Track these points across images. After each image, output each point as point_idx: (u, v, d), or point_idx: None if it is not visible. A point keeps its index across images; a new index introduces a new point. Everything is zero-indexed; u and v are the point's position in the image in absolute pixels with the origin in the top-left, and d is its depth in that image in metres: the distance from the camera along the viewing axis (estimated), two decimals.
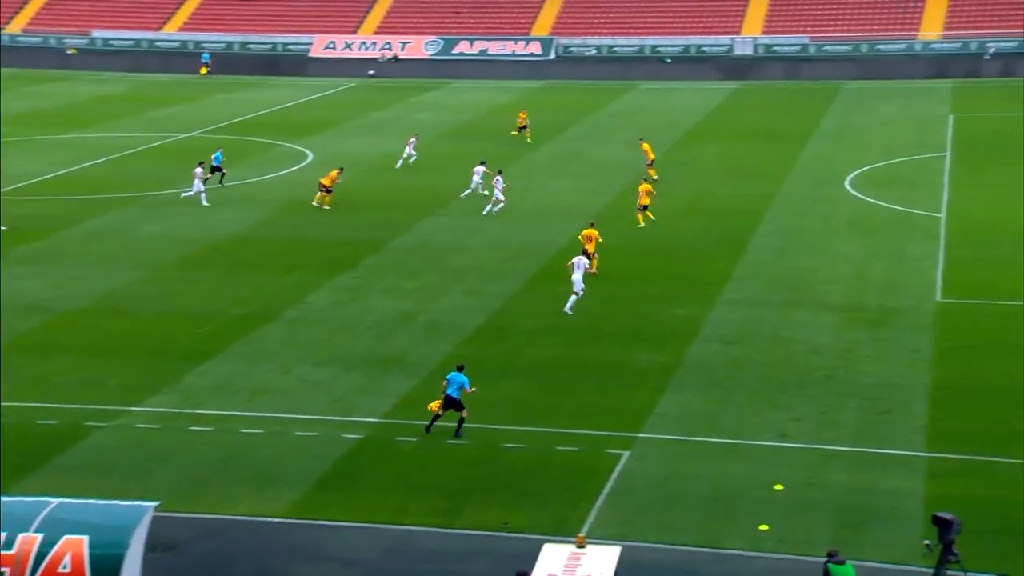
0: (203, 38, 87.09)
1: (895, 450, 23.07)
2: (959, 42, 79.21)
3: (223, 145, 51.35)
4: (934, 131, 56.43)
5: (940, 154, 50.77)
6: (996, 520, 20.22)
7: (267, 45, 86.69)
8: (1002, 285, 32.88)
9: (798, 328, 30.09)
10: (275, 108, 68.65)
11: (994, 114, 60.38)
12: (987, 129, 56.19)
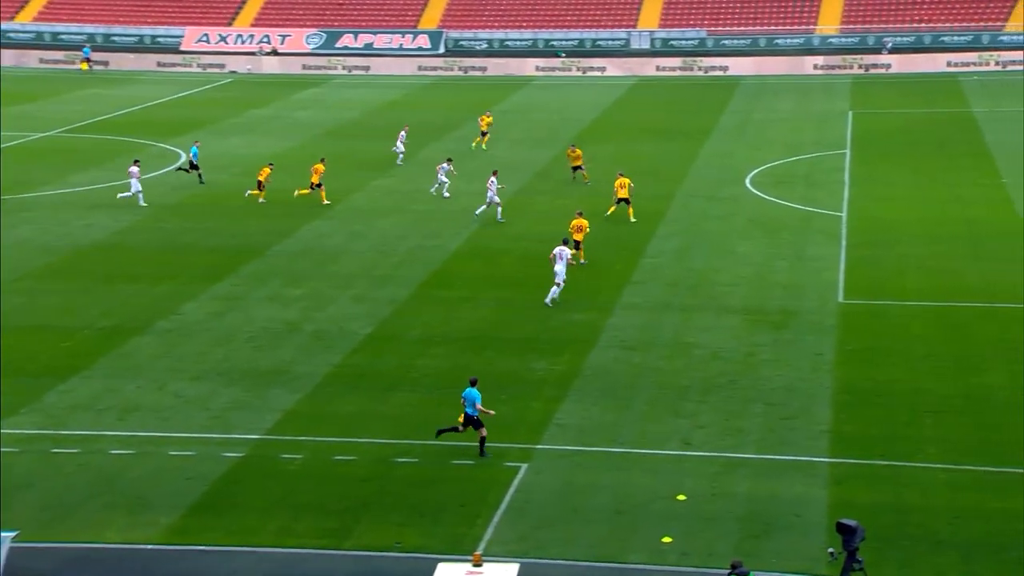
0: (61, 29, 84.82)
1: (799, 456, 23.65)
2: (857, 36, 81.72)
3: (88, 147, 50.05)
4: (833, 128, 58.06)
5: (840, 151, 52.23)
6: (900, 526, 20.86)
7: (133, 37, 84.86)
8: (903, 285, 33.98)
9: (700, 332, 30.63)
10: (144, 105, 67.23)
11: (893, 110, 62.43)
12: (886, 125, 58.06)
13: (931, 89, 68.43)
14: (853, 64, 75.69)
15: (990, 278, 34.01)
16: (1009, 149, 50.92)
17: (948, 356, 28.45)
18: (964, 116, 59.46)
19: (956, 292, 32.98)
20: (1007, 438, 23.99)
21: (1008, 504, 21.37)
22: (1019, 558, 19.65)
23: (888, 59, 76.02)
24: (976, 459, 23.17)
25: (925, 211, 41.94)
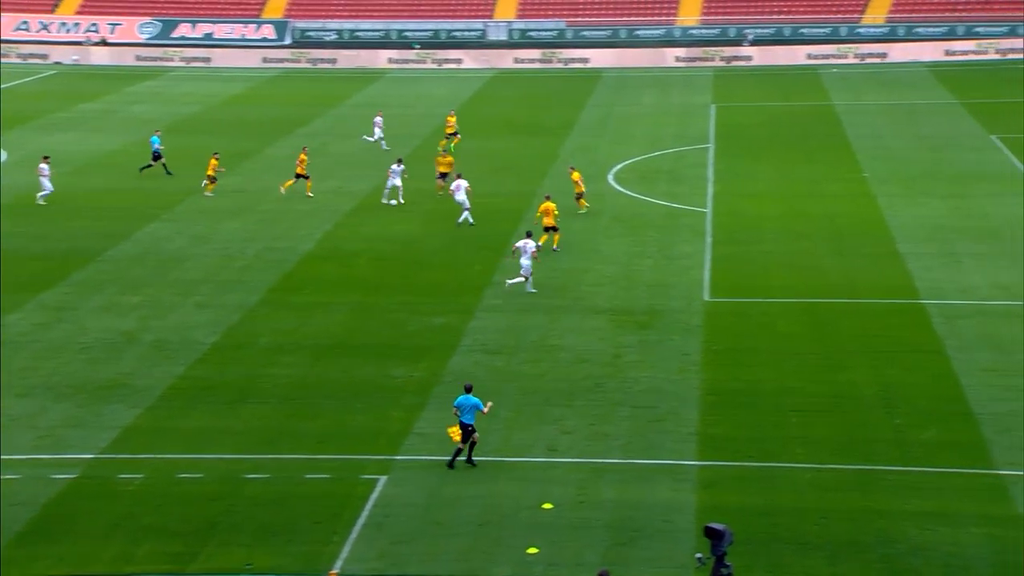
0: None
1: (667, 460, 24.08)
2: (717, 28, 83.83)
3: None
4: (696, 121, 59.40)
5: (703, 146, 53.45)
6: (769, 529, 21.45)
7: None
8: (768, 282, 34.94)
9: (565, 334, 30.93)
10: None
11: (755, 103, 64.21)
12: (748, 119, 59.67)
13: (792, 82, 70.62)
14: (714, 56, 77.60)
15: (853, 274, 35.26)
16: (869, 142, 52.91)
17: (813, 354, 29.37)
18: (825, 109, 61.55)
19: (820, 289, 34.08)
20: (871, 435, 24.90)
21: (872, 503, 22.18)
22: (883, 556, 20.42)
23: (749, 51, 78.18)
24: (842, 458, 23.97)
25: (788, 206, 43.23)
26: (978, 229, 38.90)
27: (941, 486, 22.65)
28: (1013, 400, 26.08)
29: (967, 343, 29.41)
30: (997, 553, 20.34)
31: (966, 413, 25.60)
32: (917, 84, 67.71)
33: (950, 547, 20.58)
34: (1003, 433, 24.56)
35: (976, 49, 75.35)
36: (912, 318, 31.36)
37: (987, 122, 55.46)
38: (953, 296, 32.80)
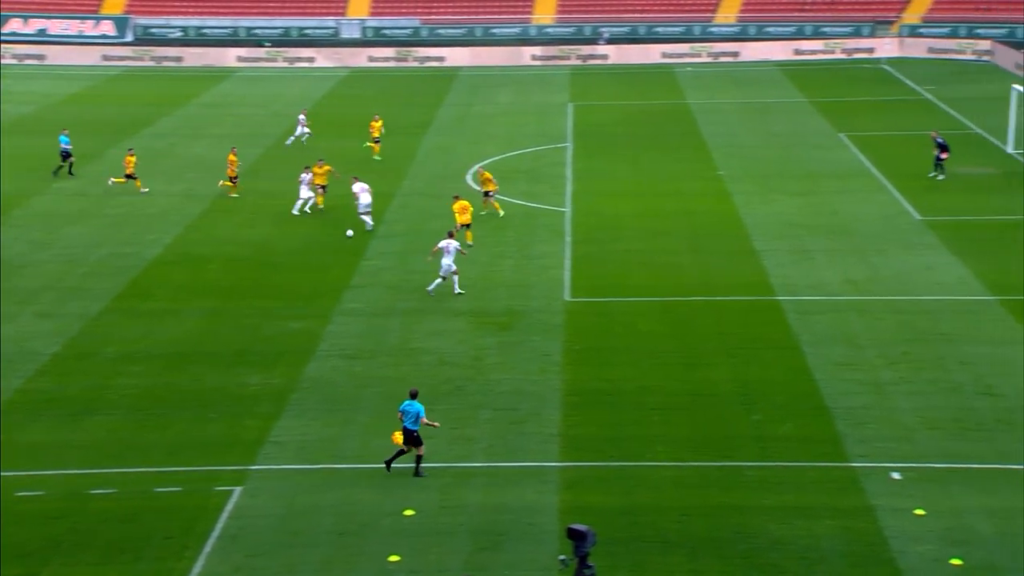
0: None
1: (529, 462, 24.24)
2: (573, 26, 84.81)
3: None
4: (554, 120, 59.95)
5: (561, 144, 53.97)
6: (631, 528, 21.77)
7: None
8: (628, 281, 35.48)
9: (425, 337, 30.88)
10: None
11: (612, 102, 65.14)
12: (606, 117, 60.51)
13: (648, 80, 71.88)
14: (571, 55, 78.47)
15: (710, 271, 36.05)
16: (724, 140, 54.19)
17: (673, 352, 29.93)
18: (680, 107, 62.80)
19: (679, 287, 34.74)
20: (730, 432, 25.49)
21: (732, 499, 22.71)
22: (742, 552, 20.92)
23: (605, 50, 79.29)
24: (702, 455, 24.48)
25: (646, 205, 43.97)
26: (828, 226, 40.19)
27: (798, 480, 23.31)
28: (864, 394, 27.02)
29: (820, 338, 30.35)
30: (850, 544, 21.05)
31: (820, 407, 26.41)
32: (768, 83, 69.63)
33: (806, 540, 21.21)
34: (855, 427, 25.42)
35: (824, 49, 77.89)
36: (768, 314, 32.22)
37: (835, 120, 57.36)
38: (806, 292, 33.81)
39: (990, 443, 24.42)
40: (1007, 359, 28.54)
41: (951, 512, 21.88)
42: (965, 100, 60.70)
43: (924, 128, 54.74)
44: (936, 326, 30.85)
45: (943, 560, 20.37)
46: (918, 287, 33.84)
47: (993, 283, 33.80)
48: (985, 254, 36.44)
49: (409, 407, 23.32)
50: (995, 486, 22.73)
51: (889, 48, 75.87)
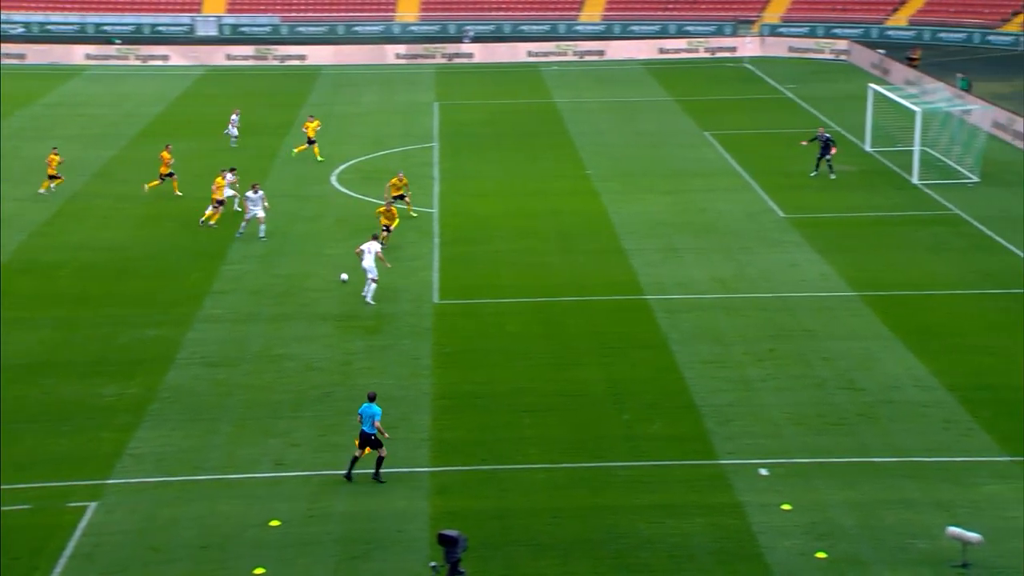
0: None
1: (399, 468, 24.14)
2: (437, 24, 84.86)
3: None
4: (420, 120, 59.85)
5: (428, 144, 53.91)
6: (503, 532, 21.87)
7: None
8: (498, 282, 35.62)
9: (290, 343, 30.53)
10: None
11: (478, 101, 65.32)
12: (472, 117, 60.63)
13: (514, 79, 72.28)
14: (436, 54, 78.45)
15: (580, 271, 36.42)
16: (591, 140, 54.80)
17: (544, 353, 30.14)
18: (547, 106, 63.29)
19: (549, 287, 35.01)
20: (601, 432, 25.79)
21: (603, 499, 22.98)
22: (613, 552, 21.19)
23: (470, 48, 79.47)
24: (573, 456, 24.71)
25: (515, 204, 44.20)
26: (695, 224, 40.97)
27: (667, 479, 23.71)
28: (732, 391, 27.62)
29: (688, 336, 30.91)
30: (719, 541, 21.49)
31: (689, 406, 26.91)
32: (634, 81, 70.65)
33: (676, 538, 21.58)
34: (723, 424, 25.96)
35: (687, 48, 79.41)
36: (637, 313, 32.69)
37: (700, 119, 58.51)
38: (674, 291, 34.41)
39: (852, 437, 25.19)
40: (868, 354, 29.49)
41: (816, 506, 22.51)
42: (824, 99, 62.53)
43: (786, 126, 56.25)
44: (800, 322, 31.70)
45: (809, 554, 20.95)
46: (783, 284, 34.73)
47: (853, 279, 34.88)
48: (845, 251, 37.59)
49: (366, 410, 23.20)
50: (857, 479, 23.46)
51: (751, 47, 77.74)
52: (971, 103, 53.18)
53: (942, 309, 32.57)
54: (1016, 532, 21.34)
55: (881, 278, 35.00)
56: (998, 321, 31.55)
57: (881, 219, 41.21)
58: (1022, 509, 22.15)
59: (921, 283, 34.61)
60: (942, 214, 41.49)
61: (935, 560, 20.53)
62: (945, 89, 56.34)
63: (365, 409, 23.34)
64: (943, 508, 22.21)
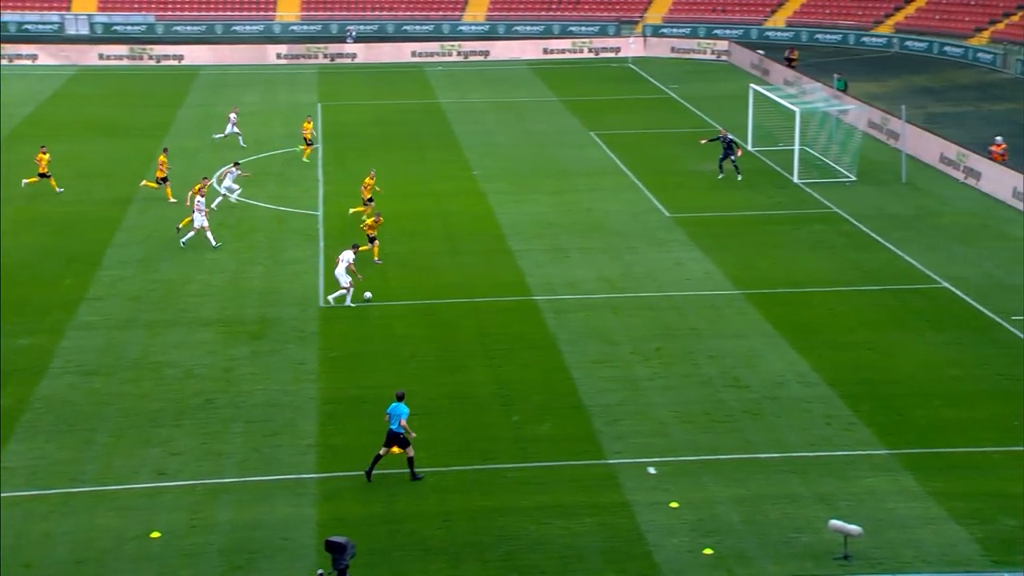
0: None
1: (285, 475, 23.90)
2: (319, 24, 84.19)
3: None
4: (303, 121, 59.23)
5: (312, 146, 53.38)
6: (391, 537, 21.78)
7: None
8: (386, 284, 35.42)
9: (170, 350, 30.02)
10: None
11: (362, 101, 64.97)
12: (357, 117, 60.29)
13: (399, 79, 72.03)
14: (318, 54, 77.79)
15: (468, 272, 36.46)
16: (478, 140, 54.90)
17: (432, 355, 30.10)
18: (432, 107, 63.23)
19: (437, 289, 34.97)
20: (491, 434, 25.86)
21: (493, 501, 23.05)
22: (503, 554, 21.26)
23: (353, 48, 78.99)
24: (463, 459, 24.73)
25: (401, 206, 44.03)
26: (582, 224, 41.31)
27: (557, 479, 23.86)
28: (620, 390, 27.91)
29: (576, 336, 31.16)
30: (608, 540, 21.70)
31: (577, 406, 27.12)
32: (519, 82, 70.97)
33: (566, 539, 21.74)
34: (611, 424, 26.22)
35: (572, 48, 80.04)
36: (525, 314, 32.84)
37: (586, 119, 59.02)
38: (562, 291, 34.65)
39: (738, 434, 25.65)
40: (752, 351, 30.06)
41: (703, 503, 22.87)
42: (706, 99, 63.57)
43: (670, 126, 57.09)
44: (686, 321, 32.17)
45: (696, 551, 21.27)
46: (669, 283, 35.22)
47: (737, 277, 35.53)
48: (729, 249, 38.27)
49: (394, 409, 23.26)
50: (743, 476, 23.89)
51: (634, 48, 78.68)
52: (847, 103, 54.56)
53: (823, 306, 33.36)
54: (894, 523, 21.97)
55: (764, 276, 35.72)
56: (876, 317, 32.44)
57: (763, 217, 42.06)
58: (900, 501, 22.80)
59: (802, 280, 35.41)
60: (822, 212, 42.50)
61: (818, 553, 21.02)
62: (823, 89, 57.73)
63: (393, 408, 23.39)
64: (825, 502, 22.75)
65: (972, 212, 42.24)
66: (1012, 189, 42.90)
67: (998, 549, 21.09)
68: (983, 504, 22.55)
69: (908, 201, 43.76)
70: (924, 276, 35.48)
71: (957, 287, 34.37)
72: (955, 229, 40.25)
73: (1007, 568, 20.54)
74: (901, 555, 20.92)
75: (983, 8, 77.09)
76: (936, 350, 29.99)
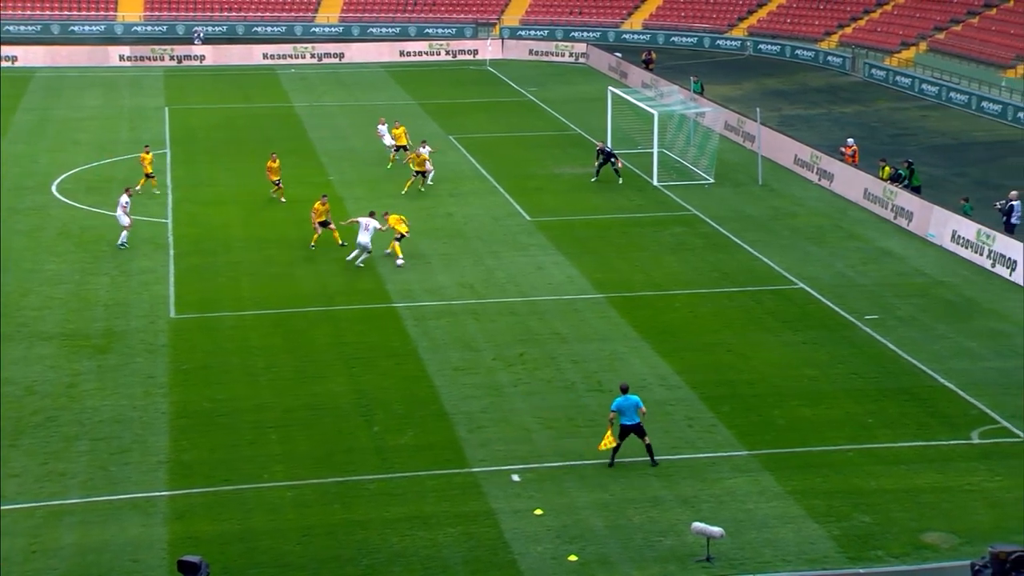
0: None
1: (134, 494, 23.32)
2: (164, 24, 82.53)
3: None
4: (150, 125, 58.07)
5: (159, 151, 52.32)
6: (248, 554, 21.41)
7: None
8: (239, 294, 34.91)
9: (8, 366, 29.13)
10: None
11: (212, 105, 63.92)
12: (206, 121, 59.28)
13: (250, 82, 71.08)
14: (163, 55, 76.26)
15: (324, 280, 36.11)
16: (333, 145, 54.48)
17: (288, 366, 29.73)
18: (286, 110, 62.56)
19: (293, 297, 34.56)
20: (351, 445, 25.63)
21: (353, 514, 22.84)
22: (364, 568, 21.10)
23: (201, 50, 77.65)
24: (322, 471, 24.45)
25: (254, 213, 43.46)
26: (443, 229, 41.30)
27: (419, 490, 23.77)
28: (483, 397, 27.96)
29: (438, 344, 31.12)
30: (472, 550, 21.70)
31: (440, 414, 27.07)
32: (376, 85, 70.67)
33: (429, 550, 21.67)
34: (474, 431, 26.25)
35: (429, 50, 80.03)
36: (385, 322, 32.67)
37: (444, 122, 59.06)
38: (423, 297, 34.58)
39: (601, 439, 25.89)
40: (614, 355, 30.43)
41: (567, 509, 23.04)
42: (565, 101, 64.24)
43: (530, 129, 57.49)
44: (549, 326, 32.41)
45: (560, 558, 21.42)
46: (531, 288, 35.44)
47: (599, 281, 35.95)
48: (590, 253, 38.70)
49: (625, 402, 23.80)
50: (606, 480, 24.15)
51: (492, 50, 79.05)
52: (704, 106, 55.73)
53: (684, 308, 33.96)
54: (754, 523, 22.46)
55: (625, 279, 36.21)
56: (734, 318, 33.16)
57: (624, 220, 42.63)
58: (760, 501, 23.32)
59: (663, 283, 36.00)
60: (681, 215, 43.30)
61: (681, 556, 21.36)
62: (680, 92, 58.86)
63: (623, 401, 23.78)
64: (688, 504, 23.14)
65: (825, 213, 43.53)
66: (863, 190, 44.36)
67: (853, 546, 21.74)
68: (839, 502, 23.22)
69: (764, 202, 44.88)
70: (781, 277, 36.42)
71: (812, 287, 35.37)
72: (809, 230, 41.42)
73: (862, 564, 21.18)
74: (761, 555, 21.40)
75: (832, 12, 79.60)
76: (793, 350, 30.80)
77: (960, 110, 61.50)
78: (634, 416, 24.14)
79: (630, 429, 24.16)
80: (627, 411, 24.10)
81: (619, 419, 24.12)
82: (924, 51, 69.88)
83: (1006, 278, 35.92)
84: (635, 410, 24.13)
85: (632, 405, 24.07)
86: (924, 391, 28.21)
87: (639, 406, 24.17)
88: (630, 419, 24.10)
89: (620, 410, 24.14)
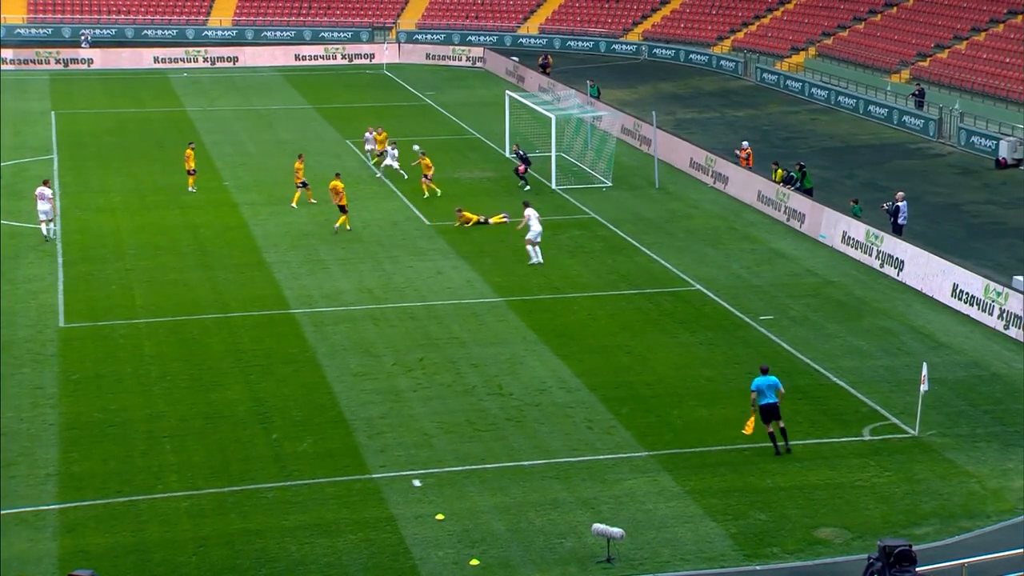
0: None
1: (21, 508, 22.79)
2: (50, 27, 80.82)
3: None
4: (35, 130, 56.89)
5: (46, 156, 51.30)
6: (142, 567, 21.07)
7: None
8: (132, 302, 34.33)
9: None
10: None
11: (101, 109, 62.75)
12: (95, 126, 58.19)
13: (140, 86, 69.95)
14: (49, 59, 74.66)
15: (220, 287, 35.66)
16: (228, 150, 53.84)
17: (184, 374, 29.29)
18: (178, 115, 61.66)
19: (187, 305, 34.07)
20: (248, 454, 25.34)
21: (251, 523, 22.57)
22: None
23: (89, 53, 76.19)
24: (219, 481, 24.13)
25: (146, 219, 42.77)
26: (342, 234, 41.02)
27: (319, 497, 23.58)
28: (382, 403, 27.84)
29: (337, 349, 30.91)
30: (373, 556, 21.59)
31: (339, 420, 26.89)
32: (271, 89, 70.03)
33: (328, 557, 21.51)
34: (375, 436, 26.12)
35: (324, 54, 79.48)
36: (282, 328, 32.37)
37: (341, 126, 58.74)
38: (321, 303, 34.32)
39: (502, 442, 25.98)
40: (515, 358, 30.52)
41: (468, 513, 23.04)
42: (463, 105, 64.30)
43: (427, 133, 57.40)
44: (449, 330, 32.39)
45: (462, 562, 21.41)
46: (430, 292, 35.38)
47: (498, 285, 36.03)
48: (488, 256, 38.78)
49: (763, 381, 24.03)
50: (506, 484, 24.20)
51: (389, 54, 78.81)
52: (601, 110, 56.21)
53: (582, 311, 34.19)
54: (653, 523, 22.69)
55: (524, 283, 36.35)
56: (632, 320, 33.48)
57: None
58: (659, 501, 23.57)
59: (562, 286, 36.20)
60: (579, 218, 43.59)
61: (582, 557, 21.49)
62: (577, 96, 59.27)
63: (762, 381, 23.99)
64: (588, 506, 23.29)
65: (720, 215, 44.17)
66: (757, 192, 45.12)
67: (750, 543, 22.08)
68: (736, 500, 23.57)
69: (661, 205, 45.39)
70: (677, 279, 36.86)
71: (708, 289, 35.86)
72: (705, 232, 41.99)
73: (759, 561, 21.52)
74: (660, 554, 21.62)
75: (723, 17, 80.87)
76: (690, 351, 31.19)
77: (848, 113, 62.89)
78: (772, 396, 24.36)
79: (768, 409, 24.32)
80: (766, 391, 24.42)
81: (759, 399, 24.44)
82: (813, 56, 71.35)
83: (894, 278, 36.80)
84: (773, 390, 24.41)
85: (769, 385, 24.38)
86: (817, 389, 28.77)
87: (778, 387, 24.49)
88: (769, 398, 24.31)
89: (759, 390, 24.49)
